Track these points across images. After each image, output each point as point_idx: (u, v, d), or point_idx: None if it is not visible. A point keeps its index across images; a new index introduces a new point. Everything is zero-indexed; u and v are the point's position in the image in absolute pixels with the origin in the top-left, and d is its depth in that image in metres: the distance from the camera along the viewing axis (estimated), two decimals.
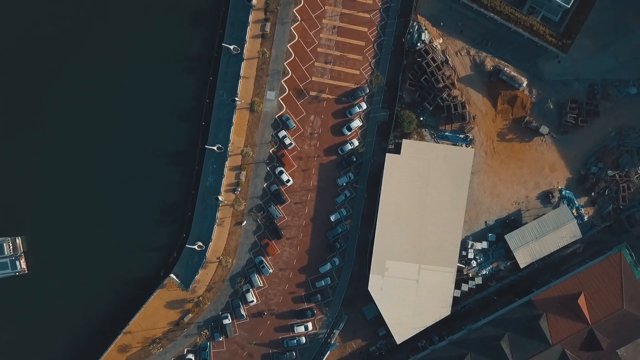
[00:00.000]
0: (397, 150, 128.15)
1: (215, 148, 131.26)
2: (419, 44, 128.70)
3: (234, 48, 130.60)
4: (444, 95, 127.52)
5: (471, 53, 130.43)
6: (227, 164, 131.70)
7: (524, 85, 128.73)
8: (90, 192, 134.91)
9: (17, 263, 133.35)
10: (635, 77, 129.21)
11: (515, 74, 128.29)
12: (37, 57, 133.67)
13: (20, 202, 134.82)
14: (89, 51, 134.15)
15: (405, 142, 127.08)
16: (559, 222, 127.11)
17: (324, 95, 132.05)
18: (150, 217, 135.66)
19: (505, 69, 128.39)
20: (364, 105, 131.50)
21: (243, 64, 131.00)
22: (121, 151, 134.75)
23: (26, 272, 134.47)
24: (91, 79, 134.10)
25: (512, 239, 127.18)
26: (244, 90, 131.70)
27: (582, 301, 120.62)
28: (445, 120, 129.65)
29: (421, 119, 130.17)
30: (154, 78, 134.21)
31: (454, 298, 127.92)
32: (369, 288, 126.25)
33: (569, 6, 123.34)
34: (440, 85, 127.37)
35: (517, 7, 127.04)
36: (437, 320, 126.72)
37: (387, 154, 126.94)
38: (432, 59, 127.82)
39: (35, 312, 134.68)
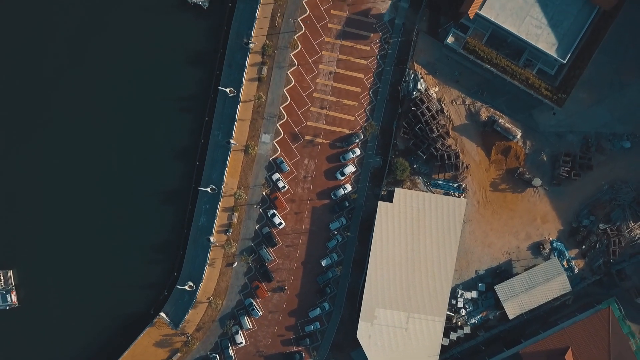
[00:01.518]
0: (389, 197, 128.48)
1: (208, 189, 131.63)
2: (414, 93, 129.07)
3: (230, 90, 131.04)
4: (438, 145, 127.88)
5: (467, 102, 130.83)
6: (219, 205, 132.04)
7: (518, 136, 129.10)
8: (83, 227, 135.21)
9: (8, 297, 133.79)
10: (629, 132, 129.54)
11: (509, 126, 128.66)
12: (30, 100, 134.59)
13: (12, 235, 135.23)
14: (87, 85, 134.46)
15: (397, 191, 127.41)
16: (549, 275, 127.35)
17: (319, 140, 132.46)
18: (142, 255, 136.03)
19: (500, 120, 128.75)
20: (358, 151, 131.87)
21: (239, 107, 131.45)
22: (116, 188, 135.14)
23: (17, 305, 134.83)
24: (88, 114, 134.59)
25: (501, 290, 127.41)
26: (239, 132, 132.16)
27: (569, 356, 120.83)
28: (438, 169, 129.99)
29: (414, 166, 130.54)
30: (151, 116, 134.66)
31: (442, 346, 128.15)
32: (357, 335, 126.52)
33: (565, 61, 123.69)
34: (434, 135, 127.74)
35: (513, 59, 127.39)
36: None
37: (379, 201, 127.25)
38: (427, 108, 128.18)
39: (24, 347, 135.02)
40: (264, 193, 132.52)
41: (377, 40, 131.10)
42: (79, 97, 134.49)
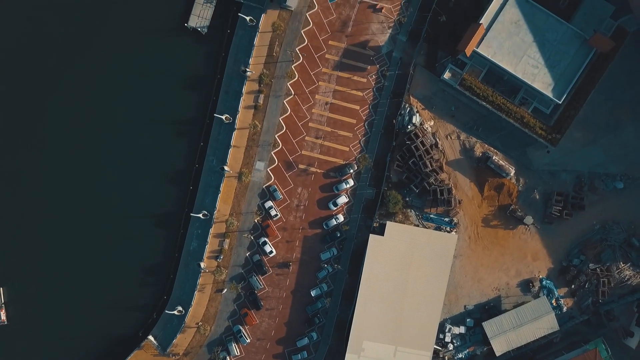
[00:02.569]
0: (381, 230, 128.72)
1: (200, 215, 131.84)
2: (409, 126, 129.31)
3: (225, 117, 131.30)
4: (431, 180, 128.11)
5: (461, 137, 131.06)
6: (211, 230, 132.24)
7: (512, 174, 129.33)
8: (75, 247, 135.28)
9: None
10: (622, 172, 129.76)
11: (503, 163, 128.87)
12: (26, 118, 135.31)
13: (2, 252, 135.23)
14: (84, 105, 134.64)
15: (389, 225, 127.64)
16: (538, 313, 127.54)
17: (313, 169, 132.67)
18: (133, 277, 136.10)
19: (494, 157, 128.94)
20: (352, 182, 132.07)
21: (234, 133, 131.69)
22: (108, 208, 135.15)
23: (5, 323, 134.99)
24: (83, 134, 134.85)
25: (489, 326, 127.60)
26: (234, 158, 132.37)
27: None
28: (431, 203, 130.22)
29: (407, 199, 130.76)
30: (146, 138, 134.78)
31: None
32: None
33: (560, 102, 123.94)
34: (428, 170, 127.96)
35: (509, 96, 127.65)
36: None
37: (371, 234, 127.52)
38: (422, 142, 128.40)
39: None
40: (255, 220, 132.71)
41: (374, 73, 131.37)
42: (76, 116, 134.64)
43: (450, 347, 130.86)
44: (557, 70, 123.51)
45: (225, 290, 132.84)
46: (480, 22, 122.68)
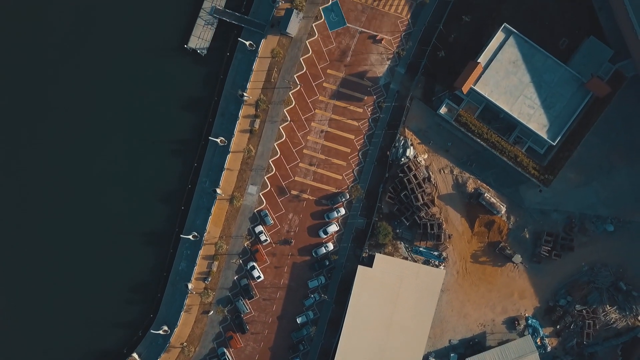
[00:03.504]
0: (370, 261, 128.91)
1: (190, 237, 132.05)
2: (403, 159, 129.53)
3: (220, 140, 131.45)
4: (422, 214, 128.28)
5: (454, 172, 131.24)
6: (200, 252, 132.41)
7: (503, 212, 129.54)
8: (64, 260, 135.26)
9: None
10: (613, 215, 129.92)
11: (494, 201, 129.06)
12: (21, 133, 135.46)
13: None
14: (80, 119, 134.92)
15: (378, 257, 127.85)
16: (522, 352, 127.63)
17: (305, 196, 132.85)
18: (121, 293, 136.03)
19: (486, 194, 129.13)
20: (343, 211, 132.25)
21: (228, 156, 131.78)
22: (99, 224, 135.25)
23: None
24: (78, 149, 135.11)
25: None
26: (227, 181, 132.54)
27: None
28: (420, 237, 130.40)
29: (397, 231, 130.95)
30: (140, 157, 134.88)
31: None
32: None
33: (554, 144, 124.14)
34: (419, 203, 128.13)
35: (505, 133, 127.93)
36: None
37: (359, 265, 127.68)
38: (414, 175, 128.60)
39: None
40: (245, 244, 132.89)
41: (371, 103, 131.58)
42: (72, 130, 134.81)
43: None
44: (553, 111, 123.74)
45: (212, 312, 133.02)
46: (479, 60, 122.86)
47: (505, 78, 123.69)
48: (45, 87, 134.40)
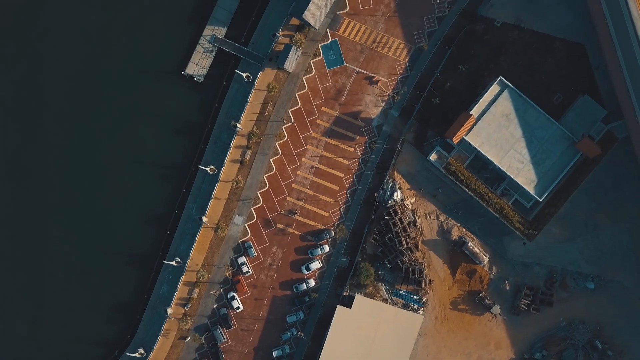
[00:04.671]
0: (349, 301, 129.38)
1: (173, 263, 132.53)
2: (390, 202, 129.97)
3: (210, 169, 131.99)
4: (405, 258, 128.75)
5: (440, 218, 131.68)
6: (182, 278, 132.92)
7: (485, 262, 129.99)
8: (45, 276, 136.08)
9: None
10: (595, 273, 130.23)
11: (477, 251, 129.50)
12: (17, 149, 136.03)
13: None
14: (72, 140, 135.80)
15: (357, 298, 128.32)
16: None
17: (290, 230, 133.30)
18: (100, 312, 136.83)
19: (469, 243, 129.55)
20: (327, 248, 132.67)
21: (217, 185, 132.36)
22: (85, 242, 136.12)
23: None
24: (67, 169, 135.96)
25: None
26: (213, 209, 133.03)
27: None
28: (402, 280, 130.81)
29: (379, 272, 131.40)
30: (129, 179, 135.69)
31: None
32: None
33: (541, 200, 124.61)
34: (403, 248, 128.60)
35: (493, 183, 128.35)
36: None
37: (338, 305, 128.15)
38: (400, 219, 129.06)
39: None
40: (227, 274, 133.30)
41: (362, 144, 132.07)
42: (64, 149, 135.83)
43: None
44: (542, 168, 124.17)
45: (189, 338, 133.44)
46: (472, 111, 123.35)
47: (497, 131, 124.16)
48: (39, 109, 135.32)
